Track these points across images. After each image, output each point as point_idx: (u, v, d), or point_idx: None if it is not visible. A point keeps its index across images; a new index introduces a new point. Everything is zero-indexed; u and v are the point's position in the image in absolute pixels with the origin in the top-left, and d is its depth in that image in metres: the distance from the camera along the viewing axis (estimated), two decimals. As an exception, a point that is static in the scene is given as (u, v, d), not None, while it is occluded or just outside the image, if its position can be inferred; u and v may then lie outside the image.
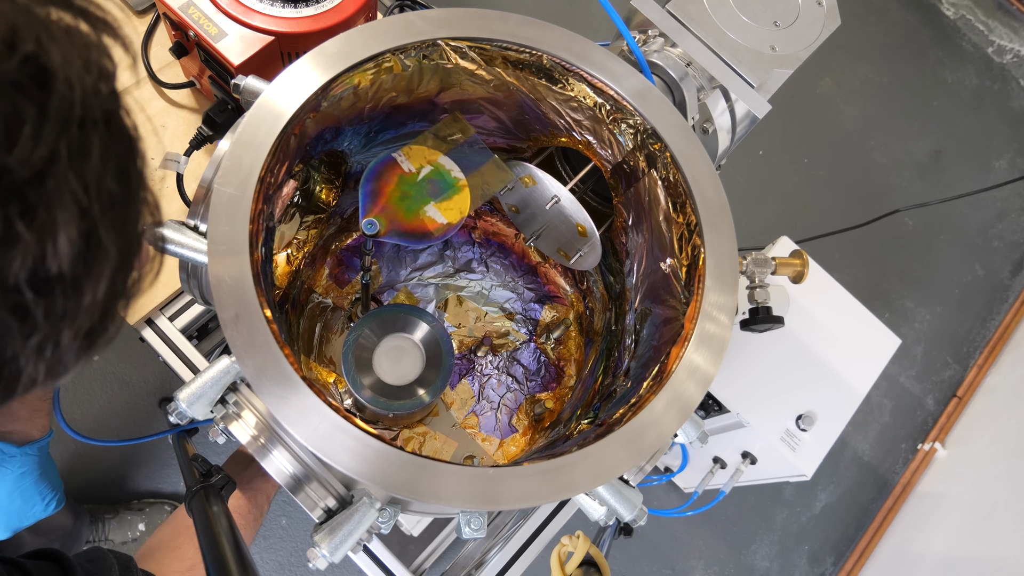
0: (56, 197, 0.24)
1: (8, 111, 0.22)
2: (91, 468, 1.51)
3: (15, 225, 0.23)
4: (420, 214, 0.72)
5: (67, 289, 0.25)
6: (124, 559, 0.57)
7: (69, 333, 0.27)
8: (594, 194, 0.91)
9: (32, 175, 0.23)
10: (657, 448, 0.59)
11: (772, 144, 2.20)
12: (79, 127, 0.24)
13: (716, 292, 0.64)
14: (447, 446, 0.89)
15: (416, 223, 0.72)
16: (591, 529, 0.77)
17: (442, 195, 0.74)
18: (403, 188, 0.73)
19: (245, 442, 0.59)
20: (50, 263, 0.24)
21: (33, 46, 0.23)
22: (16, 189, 0.23)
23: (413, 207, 0.72)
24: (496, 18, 0.70)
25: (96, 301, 0.27)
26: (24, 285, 0.24)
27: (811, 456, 1.13)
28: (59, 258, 0.24)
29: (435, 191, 0.74)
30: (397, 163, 0.74)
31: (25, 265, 0.23)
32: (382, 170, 0.73)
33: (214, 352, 1.10)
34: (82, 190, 0.24)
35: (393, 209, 0.72)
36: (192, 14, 0.85)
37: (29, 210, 0.23)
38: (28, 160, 0.23)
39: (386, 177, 0.73)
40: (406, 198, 0.73)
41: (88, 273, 0.26)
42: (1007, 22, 2.61)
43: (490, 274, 0.99)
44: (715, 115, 0.82)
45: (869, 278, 2.11)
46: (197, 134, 0.92)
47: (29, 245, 0.23)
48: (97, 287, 0.26)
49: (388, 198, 0.72)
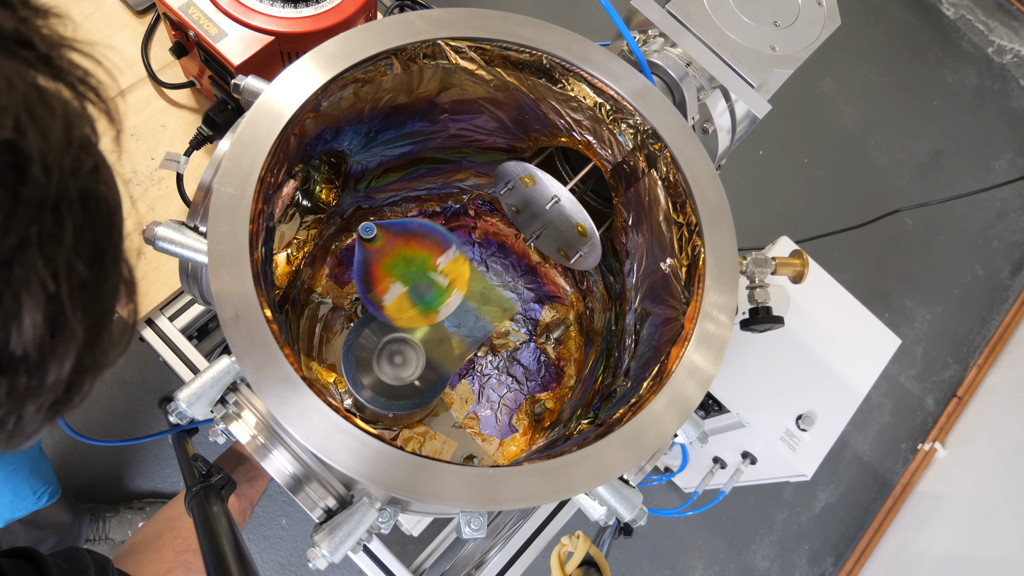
0: (22, 283, 0.23)
1: None
2: (91, 468, 1.51)
3: None
4: (388, 280, 0.71)
5: (31, 368, 0.25)
6: (101, 560, 0.56)
7: (32, 408, 0.26)
8: (594, 194, 0.91)
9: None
10: (657, 448, 0.59)
11: (772, 144, 2.20)
12: (52, 211, 0.24)
13: (716, 292, 0.64)
14: (447, 446, 0.89)
15: (381, 282, 0.70)
16: (591, 529, 0.77)
17: (419, 298, 0.72)
18: (416, 260, 0.72)
19: (245, 442, 0.59)
20: (13, 345, 0.24)
21: (11, 132, 0.22)
22: None
23: (396, 272, 0.71)
24: (496, 18, 0.70)
25: (60, 379, 0.26)
26: None
27: (811, 456, 1.13)
28: (23, 341, 0.24)
29: (419, 293, 0.72)
30: (441, 246, 0.72)
31: None
32: (429, 234, 0.72)
33: (214, 352, 1.10)
34: (50, 276, 0.24)
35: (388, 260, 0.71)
36: (192, 14, 0.85)
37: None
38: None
39: (421, 239, 0.72)
40: (408, 264, 0.72)
41: (53, 353, 0.25)
42: (1007, 22, 2.61)
43: (490, 274, 0.99)
44: (715, 115, 0.82)
45: (869, 278, 2.11)
46: (197, 134, 0.92)
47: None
48: (62, 366, 0.26)
49: (398, 249, 0.71)
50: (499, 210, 0.97)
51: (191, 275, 0.65)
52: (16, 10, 0.25)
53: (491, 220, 1.00)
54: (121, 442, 0.91)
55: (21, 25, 0.25)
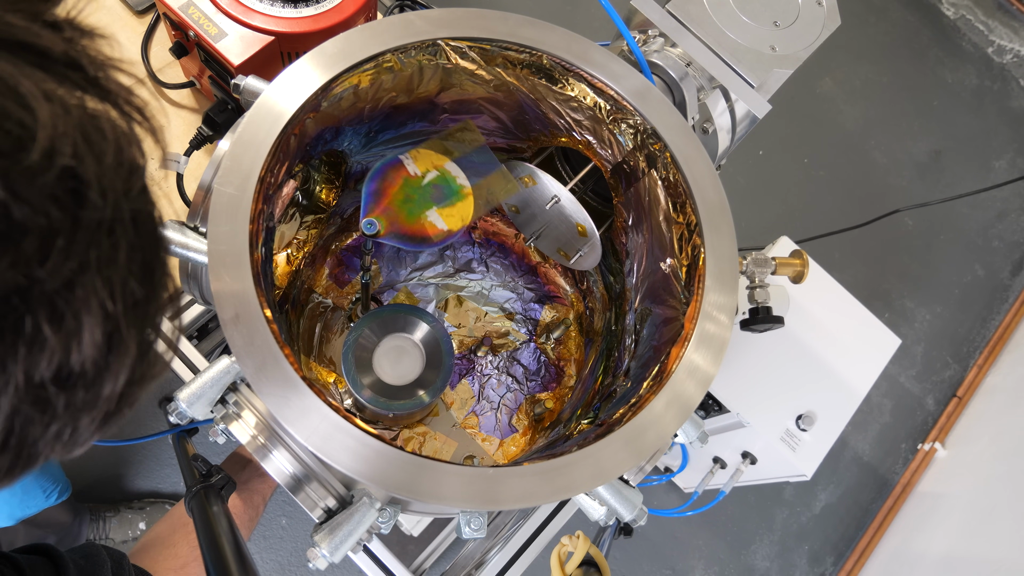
0: (83, 303, 0.24)
1: (43, 225, 0.22)
2: (91, 467, 1.51)
3: (43, 330, 0.23)
4: (422, 218, 0.72)
5: (88, 383, 0.26)
6: (117, 556, 0.57)
7: (87, 420, 0.27)
8: (594, 194, 0.91)
9: (62, 284, 0.23)
10: (657, 448, 0.59)
11: (772, 144, 2.20)
12: (108, 233, 0.25)
13: (716, 292, 0.64)
14: (447, 446, 0.89)
15: (417, 227, 0.72)
16: (591, 529, 0.77)
17: (445, 201, 0.74)
18: (407, 191, 0.73)
19: (245, 442, 0.59)
20: (74, 362, 0.25)
21: (70, 158, 0.23)
22: (46, 297, 0.23)
23: (415, 211, 0.72)
24: (496, 18, 0.70)
25: (115, 392, 0.28)
26: (48, 382, 0.24)
27: (811, 456, 1.13)
28: (82, 358, 0.25)
29: (439, 196, 0.74)
30: (403, 165, 0.74)
31: (50, 366, 0.24)
32: (387, 171, 0.73)
33: (214, 352, 1.10)
34: (108, 295, 0.25)
35: (395, 211, 0.72)
36: (192, 14, 0.85)
37: (57, 317, 0.24)
38: (59, 271, 0.23)
39: (391, 178, 0.73)
40: (409, 201, 0.73)
41: (108, 368, 0.27)
42: (1007, 22, 2.61)
43: (490, 274, 0.99)
44: (715, 115, 0.82)
45: (869, 278, 2.11)
46: (197, 134, 0.92)
47: (55, 348, 0.24)
48: (116, 380, 0.27)
49: (391, 200, 0.72)
50: (499, 210, 0.97)
51: (191, 275, 0.65)
52: (63, 31, 0.26)
53: (491, 220, 1.00)
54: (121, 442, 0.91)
55: (69, 47, 0.26)
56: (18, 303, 0.22)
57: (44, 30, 0.25)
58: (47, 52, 0.25)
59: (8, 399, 0.24)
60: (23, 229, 0.22)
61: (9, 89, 0.22)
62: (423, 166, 0.74)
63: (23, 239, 0.22)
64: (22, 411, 0.24)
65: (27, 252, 0.22)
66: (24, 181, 0.22)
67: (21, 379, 0.23)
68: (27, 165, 0.22)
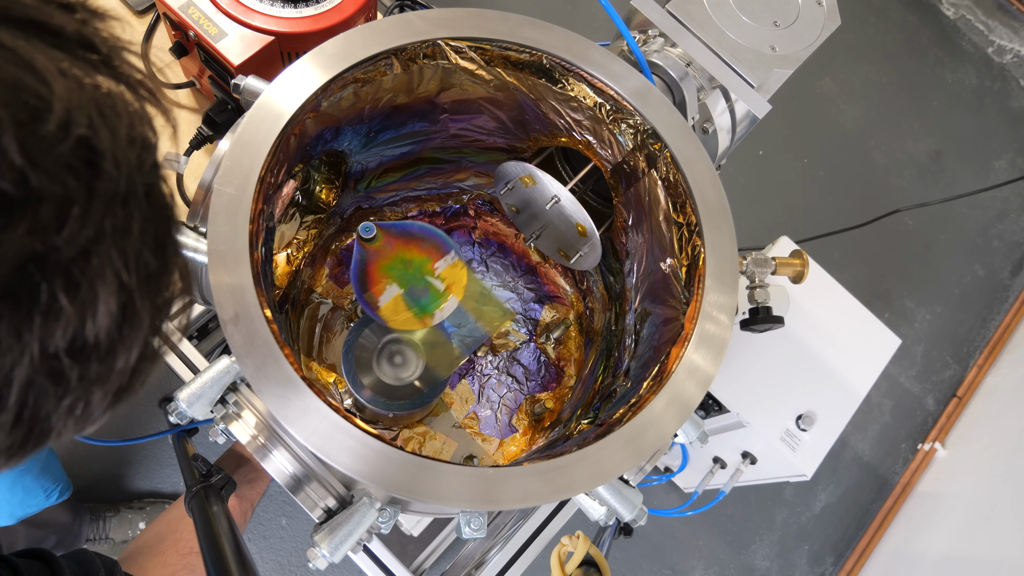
0: (99, 273, 0.25)
1: (59, 193, 0.23)
2: (91, 467, 1.51)
3: (59, 299, 0.24)
4: (384, 282, 0.71)
5: (102, 355, 0.26)
6: (110, 563, 0.57)
7: (100, 393, 0.28)
8: (594, 194, 0.91)
9: (78, 253, 0.24)
10: (657, 448, 0.59)
11: (772, 144, 2.20)
12: (123, 204, 0.25)
13: (716, 292, 0.64)
14: (447, 446, 0.89)
15: (377, 282, 0.71)
16: (591, 529, 0.77)
17: (414, 301, 0.72)
18: (414, 262, 0.72)
19: (245, 442, 0.59)
20: (88, 333, 0.25)
21: (86, 128, 0.24)
22: (62, 266, 0.23)
23: (392, 274, 0.71)
24: (496, 18, 0.70)
25: (128, 366, 0.28)
26: (62, 353, 0.25)
27: (811, 456, 1.13)
28: (97, 328, 0.25)
29: (415, 295, 0.72)
30: (439, 250, 0.72)
31: (65, 335, 0.24)
32: (428, 237, 0.72)
33: (214, 352, 1.10)
34: (123, 265, 0.25)
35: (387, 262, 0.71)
36: (192, 14, 0.85)
37: (73, 286, 0.24)
38: (75, 240, 0.23)
39: (420, 242, 0.72)
40: (406, 266, 0.72)
41: (122, 340, 0.27)
42: (1007, 22, 2.61)
43: (490, 274, 0.99)
44: (715, 115, 0.82)
45: (869, 278, 2.11)
46: (197, 134, 0.92)
47: (71, 318, 0.24)
48: (130, 353, 0.28)
49: (396, 250, 0.72)
50: (499, 210, 0.97)
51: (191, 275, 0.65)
52: (76, 12, 0.27)
53: (491, 220, 1.00)
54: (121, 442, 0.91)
55: (83, 27, 0.26)
56: (34, 271, 0.23)
57: (57, 10, 0.26)
58: (60, 31, 0.25)
59: (23, 370, 0.24)
60: (40, 197, 0.22)
61: (25, 63, 0.23)
62: (446, 279, 0.72)
63: (40, 206, 0.22)
64: (36, 383, 0.25)
65: (44, 219, 0.22)
66: (41, 150, 0.22)
67: (36, 349, 0.24)
68: (43, 135, 0.22)
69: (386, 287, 0.70)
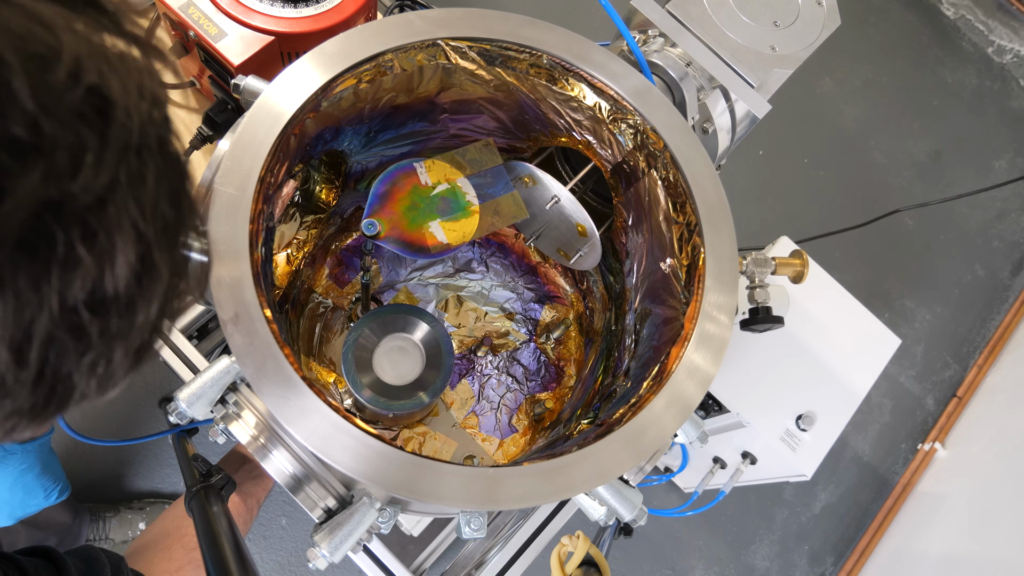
0: (116, 222, 0.25)
1: (72, 140, 0.23)
2: (91, 468, 1.51)
3: (77, 249, 0.24)
4: (423, 228, 0.72)
5: (122, 309, 0.26)
6: (115, 559, 0.57)
7: (121, 350, 0.27)
8: (594, 194, 0.91)
9: (94, 201, 0.24)
10: (657, 448, 0.59)
11: (772, 144, 2.19)
12: (136, 154, 0.25)
13: (716, 292, 0.64)
14: (447, 446, 0.89)
15: (417, 235, 0.72)
16: (591, 529, 0.77)
17: (450, 215, 0.74)
18: (414, 199, 0.73)
19: (245, 442, 0.59)
20: (107, 285, 0.25)
21: (96, 77, 0.24)
22: (79, 215, 0.23)
23: (418, 219, 0.72)
24: (496, 18, 0.70)
25: (148, 320, 0.28)
26: (82, 306, 0.25)
27: (811, 456, 1.13)
28: (116, 280, 0.25)
29: (445, 209, 0.74)
30: (415, 173, 0.74)
31: (84, 287, 0.24)
32: (398, 176, 0.73)
33: (214, 352, 1.10)
34: (139, 215, 0.25)
35: (398, 216, 0.72)
36: (192, 14, 0.85)
37: (90, 235, 0.24)
38: (90, 187, 0.23)
39: (400, 184, 0.73)
40: (414, 209, 0.73)
41: (142, 294, 0.27)
42: (1007, 22, 2.61)
43: (490, 274, 0.99)
44: (715, 115, 0.82)
45: (869, 278, 2.11)
46: (197, 134, 0.92)
47: (89, 268, 0.24)
48: (150, 307, 0.27)
49: (396, 204, 0.72)
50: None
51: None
52: None
53: (491, 220, 1.00)
54: (121, 442, 0.91)
55: None
56: (50, 220, 0.23)
57: None
58: None
59: (43, 324, 0.24)
60: (53, 143, 0.22)
61: (33, 15, 0.23)
62: (435, 177, 0.74)
63: (54, 153, 0.22)
64: (57, 338, 0.24)
65: (58, 166, 0.22)
66: (52, 96, 0.22)
67: (55, 302, 0.24)
68: (54, 82, 0.22)
69: (424, 230, 0.72)
